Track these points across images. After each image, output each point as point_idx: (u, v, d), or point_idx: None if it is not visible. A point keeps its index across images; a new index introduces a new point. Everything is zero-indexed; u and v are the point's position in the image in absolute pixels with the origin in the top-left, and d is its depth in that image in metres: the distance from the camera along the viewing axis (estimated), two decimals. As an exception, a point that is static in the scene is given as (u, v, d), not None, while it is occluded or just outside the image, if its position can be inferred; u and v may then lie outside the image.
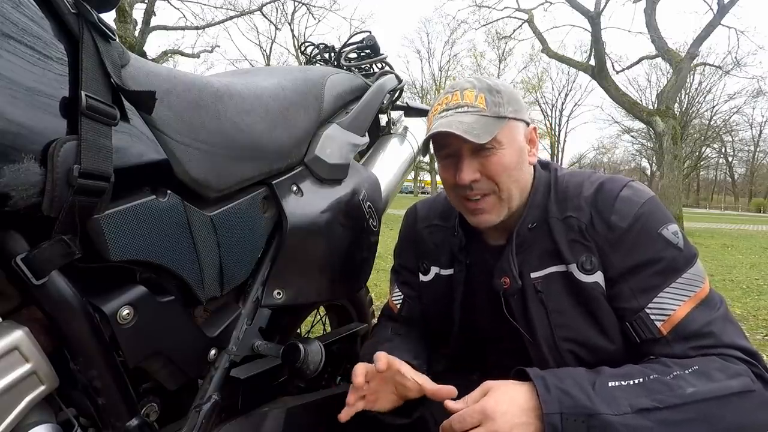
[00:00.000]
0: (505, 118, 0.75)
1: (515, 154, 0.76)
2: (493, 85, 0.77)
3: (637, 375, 0.63)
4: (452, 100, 0.77)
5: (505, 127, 0.74)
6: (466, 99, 0.76)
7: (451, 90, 0.79)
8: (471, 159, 0.75)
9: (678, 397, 0.59)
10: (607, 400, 0.60)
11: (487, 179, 0.75)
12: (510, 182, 0.75)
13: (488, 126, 0.73)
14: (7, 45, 0.43)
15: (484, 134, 0.71)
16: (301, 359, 0.72)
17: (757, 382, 0.62)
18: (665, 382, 0.61)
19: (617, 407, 0.59)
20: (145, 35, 12.55)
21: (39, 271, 0.46)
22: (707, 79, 29.82)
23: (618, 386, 0.61)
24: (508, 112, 0.75)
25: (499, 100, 0.75)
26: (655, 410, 0.59)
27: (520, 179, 0.77)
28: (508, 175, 0.75)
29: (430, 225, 0.94)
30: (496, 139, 0.73)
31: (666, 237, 0.70)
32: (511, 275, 0.76)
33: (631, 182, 0.76)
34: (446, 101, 0.78)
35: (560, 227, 0.75)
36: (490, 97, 0.75)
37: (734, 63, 14.31)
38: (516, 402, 0.62)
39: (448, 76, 28.95)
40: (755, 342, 2.67)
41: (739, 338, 0.67)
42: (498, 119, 0.74)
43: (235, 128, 0.71)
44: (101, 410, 0.54)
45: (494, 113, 0.74)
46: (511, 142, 0.75)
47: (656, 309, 0.68)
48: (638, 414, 0.59)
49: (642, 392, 0.61)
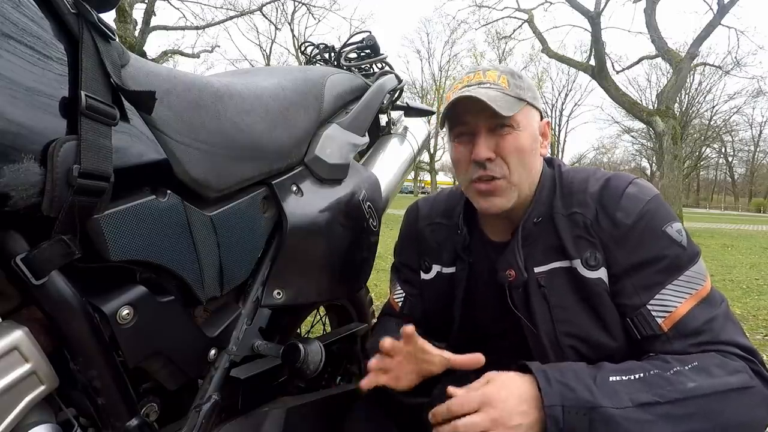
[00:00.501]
0: (525, 102, 0.76)
1: (530, 139, 0.77)
2: (515, 70, 0.79)
3: (637, 370, 0.63)
4: (474, 78, 0.78)
5: (524, 109, 0.76)
6: (489, 78, 0.77)
7: (473, 70, 0.80)
8: (488, 137, 0.75)
9: (679, 392, 0.60)
10: (608, 394, 0.60)
11: (501, 160, 0.75)
12: (522, 167, 0.76)
13: (510, 103, 0.74)
14: (7, 45, 0.43)
15: (506, 109, 0.72)
16: (301, 359, 0.72)
17: (755, 378, 0.63)
18: (666, 378, 0.62)
19: (618, 401, 0.59)
20: (145, 35, 12.54)
21: (39, 271, 0.46)
22: (707, 79, 29.88)
23: (619, 381, 0.62)
24: (527, 96, 0.77)
25: (520, 83, 0.77)
26: (656, 404, 0.59)
27: (531, 167, 0.78)
28: (521, 158, 0.75)
29: (432, 223, 0.94)
30: (514, 118, 0.74)
31: (670, 235, 0.70)
32: (517, 267, 0.76)
33: (636, 179, 0.76)
34: (468, 79, 0.79)
35: (565, 223, 0.76)
36: (512, 79, 0.77)
37: (734, 63, 14.31)
38: (517, 392, 0.62)
39: (448, 76, 28.95)
40: (755, 342, 2.67)
41: (738, 336, 0.67)
42: (518, 100, 0.76)
43: (235, 128, 0.71)
44: (101, 410, 0.54)
45: (516, 94, 0.76)
46: (528, 126, 0.77)
47: (658, 306, 0.69)
48: (639, 408, 0.59)
49: (643, 387, 0.61)
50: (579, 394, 0.60)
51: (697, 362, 0.63)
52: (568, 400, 0.59)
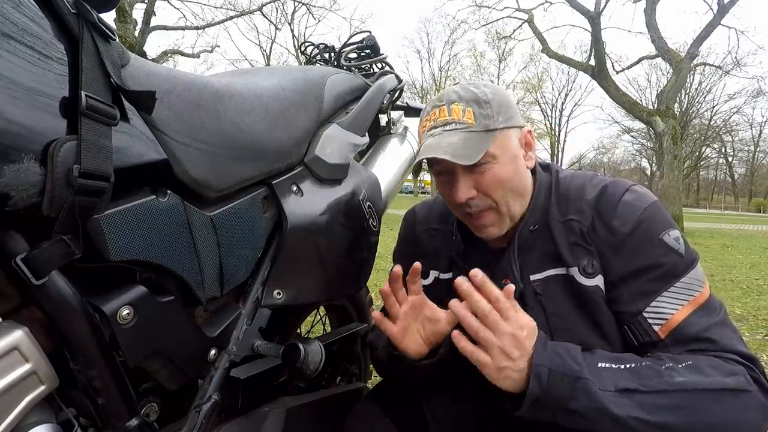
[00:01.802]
0: (496, 130, 0.74)
1: (510, 165, 0.75)
2: (481, 95, 0.76)
3: (628, 361, 0.65)
4: (440, 116, 0.77)
5: (497, 139, 0.74)
6: (454, 115, 0.75)
7: (439, 104, 0.78)
8: (465, 176, 0.75)
9: (664, 383, 0.61)
10: (594, 375, 0.62)
11: (484, 195, 0.75)
12: (507, 195, 0.75)
13: (479, 143, 0.72)
14: (7, 45, 0.43)
15: (474, 153, 0.71)
16: (301, 359, 0.72)
17: (753, 384, 0.63)
18: (655, 370, 0.63)
19: (602, 384, 0.61)
20: (145, 35, 12.55)
21: (39, 271, 0.46)
22: (707, 79, 29.89)
23: (607, 368, 0.63)
24: (498, 123, 0.75)
25: (488, 112, 0.74)
26: (637, 392, 0.61)
27: (518, 188, 0.77)
28: (503, 188, 0.75)
29: (429, 228, 0.94)
30: (488, 153, 0.73)
31: (667, 243, 0.70)
32: (513, 276, 0.76)
33: (634, 186, 0.76)
34: (434, 117, 0.78)
35: (561, 230, 0.75)
36: (478, 110, 0.74)
37: (734, 63, 14.34)
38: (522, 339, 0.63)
39: (448, 76, 28.97)
40: (755, 342, 2.67)
41: (736, 343, 0.67)
42: (488, 133, 0.74)
43: (235, 128, 0.71)
44: (101, 410, 0.54)
45: (484, 127, 0.74)
46: (504, 153, 0.75)
47: (654, 313, 0.69)
48: (620, 393, 0.61)
49: (629, 376, 0.62)
50: (568, 363, 0.62)
51: (692, 361, 0.64)
52: (556, 365, 0.62)
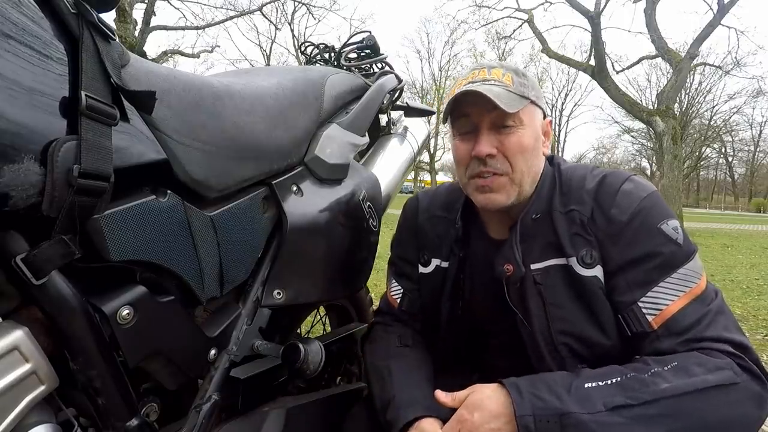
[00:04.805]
0: (528, 100, 0.77)
1: (533, 137, 0.77)
2: (520, 68, 0.80)
3: (614, 375, 0.64)
4: (479, 75, 0.78)
5: (527, 107, 0.76)
6: (494, 75, 0.77)
7: (478, 67, 0.80)
8: (490, 133, 0.76)
9: (651, 393, 0.60)
10: (580, 400, 0.61)
11: (504, 158, 0.75)
12: (524, 165, 0.76)
13: (514, 101, 0.74)
14: (7, 45, 0.43)
15: (510, 106, 0.73)
16: (301, 359, 0.72)
17: (742, 374, 0.62)
18: (641, 380, 0.62)
19: (591, 406, 0.60)
20: (145, 35, 12.54)
21: (39, 271, 0.46)
22: (707, 79, 29.83)
23: (595, 387, 0.63)
24: (531, 95, 0.77)
25: (524, 81, 0.78)
26: (628, 407, 0.60)
27: (534, 165, 0.78)
28: (524, 156, 0.76)
29: (432, 216, 0.93)
30: (518, 116, 0.75)
31: (665, 232, 0.70)
32: (515, 262, 0.76)
33: (634, 176, 0.76)
34: (473, 76, 0.78)
35: (563, 220, 0.76)
36: (516, 77, 0.77)
37: (734, 63, 14.32)
38: (489, 408, 0.64)
39: (448, 76, 28.94)
40: (755, 342, 2.67)
41: (728, 331, 0.66)
42: (522, 98, 0.76)
43: (235, 128, 0.71)
44: (101, 410, 0.54)
45: (520, 92, 0.76)
46: (531, 124, 0.77)
47: (649, 303, 0.69)
48: (612, 411, 0.60)
49: (617, 391, 0.61)
50: (548, 403, 0.61)
51: (677, 362, 0.63)
52: (538, 408, 0.61)
